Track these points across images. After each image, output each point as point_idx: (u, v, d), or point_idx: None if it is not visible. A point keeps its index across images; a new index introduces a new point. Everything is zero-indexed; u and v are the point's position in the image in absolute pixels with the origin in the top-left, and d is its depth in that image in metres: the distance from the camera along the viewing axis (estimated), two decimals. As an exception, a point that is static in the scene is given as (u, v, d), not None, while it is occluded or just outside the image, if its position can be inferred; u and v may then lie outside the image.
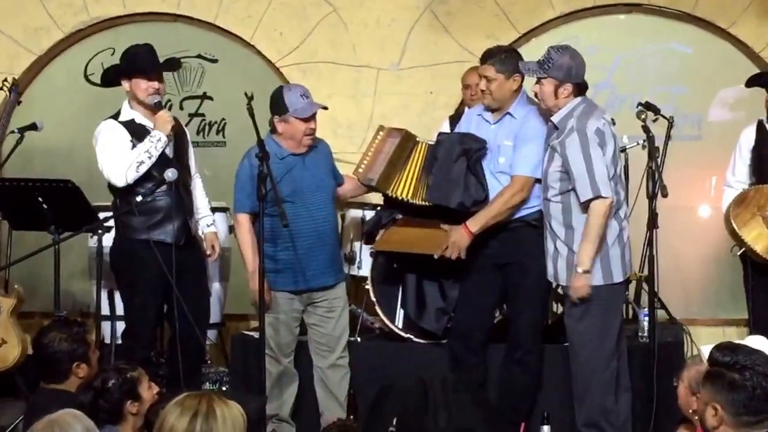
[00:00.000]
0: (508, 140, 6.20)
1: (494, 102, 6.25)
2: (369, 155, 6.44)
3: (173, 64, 6.85)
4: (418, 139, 6.50)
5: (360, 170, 6.41)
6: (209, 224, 6.69)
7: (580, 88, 6.04)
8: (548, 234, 6.06)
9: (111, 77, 6.60)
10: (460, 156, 6.24)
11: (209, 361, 7.27)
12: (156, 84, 6.39)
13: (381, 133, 6.52)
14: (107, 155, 6.31)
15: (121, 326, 6.86)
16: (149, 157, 6.24)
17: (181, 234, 6.36)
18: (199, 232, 6.65)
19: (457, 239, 6.19)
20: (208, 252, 6.62)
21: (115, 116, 6.45)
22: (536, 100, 6.11)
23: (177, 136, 6.46)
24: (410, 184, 6.37)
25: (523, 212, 6.21)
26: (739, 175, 6.83)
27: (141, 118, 6.40)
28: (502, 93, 6.20)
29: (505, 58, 6.22)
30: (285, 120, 6.26)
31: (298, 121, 6.24)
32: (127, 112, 6.43)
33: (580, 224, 5.92)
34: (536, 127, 6.14)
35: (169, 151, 6.36)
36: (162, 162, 6.27)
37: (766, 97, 6.69)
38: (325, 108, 6.40)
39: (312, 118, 6.29)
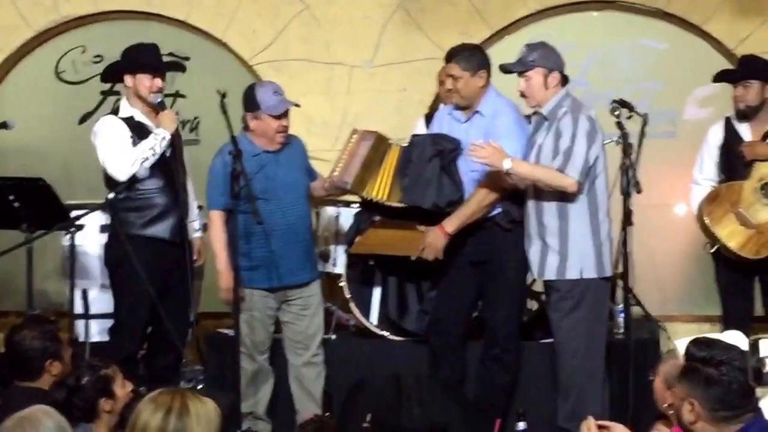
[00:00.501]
0: (479, 139, 6.21)
1: (462, 100, 6.27)
2: (343, 158, 6.46)
3: (179, 65, 6.80)
4: (391, 141, 6.55)
5: (335, 174, 6.43)
6: (197, 229, 6.70)
7: (566, 79, 6.08)
8: (535, 229, 6.06)
9: (113, 72, 6.61)
10: (434, 157, 6.26)
11: (184, 360, 7.24)
12: (160, 82, 6.41)
13: (354, 136, 6.55)
14: (109, 149, 6.34)
15: (95, 325, 6.85)
16: (153, 154, 6.28)
17: (177, 232, 6.39)
18: (193, 235, 6.69)
19: (433, 240, 6.20)
20: (195, 257, 6.64)
21: (114, 112, 6.46)
22: (521, 97, 6.12)
23: (174, 135, 6.47)
24: (385, 186, 6.40)
25: (497, 210, 6.21)
26: (707, 173, 6.86)
27: (140, 115, 6.42)
28: (469, 90, 6.22)
29: (469, 55, 6.25)
30: (257, 117, 6.26)
31: (271, 119, 6.25)
32: (127, 109, 6.44)
33: (575, 218, 5.96)
34: (506, 123, 6.16)
35: (166, 150, 6.37)
36: (160, 160, 6.31)
37: (733, 94, 6.73)
38: (298, 105, 6.41)
39: (284, 115, 6.30)
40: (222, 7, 8.23)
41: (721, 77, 6.91)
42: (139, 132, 6.36)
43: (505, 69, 6.17)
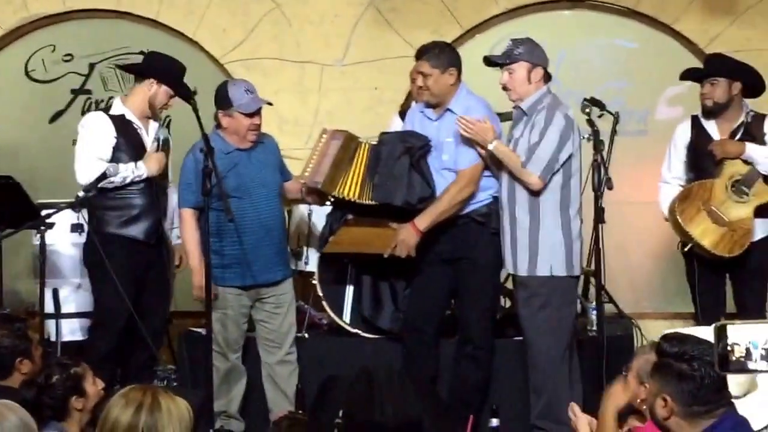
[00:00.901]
0: (449, 137, 6.25)
1: (432, 97, 6.29)
2: (313, 158, 6.46)
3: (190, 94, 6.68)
4: (360, 139, 6.55)
5: (306, 174, 6.43)
6: (179, 236, 6.64)
7: (548, 76, 6.11)
8: (508, 222, 6.08)
9: (141, 69, 6.57)
10: (403, 154, 6.28)
11: (157, 359, 7.22)
12: (171, 102, 6.43)
13: (324, 135, 6.55)
14: (84, 150, 6.32)
15: (66, 324, 6.82)
16: (121, 181, 6.25)
17: (153, 233, 6.39)
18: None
19: (405, 237, 6.21)
20: (176, 263, 6.64)
21: (105, 108, 6.47)
22: (503, 90, 6.13)
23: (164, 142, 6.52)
24: (355, 184, 6.40)
25: (470, 207, 6.24)
26: (675, 171, 6.89)
27: (131, 114, 6.39)
28: (439, 88, 6.24)
29: (439, 52, 6.28)
30: (229, 115, 6.27)
31: (242, 117, 6.26)
32: (119, 107, 6.42)
33: (546, 216, 5.98)
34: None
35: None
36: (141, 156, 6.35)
37: (700, 92, 6.76)
38: (270, 104, 6.43)
39: (256, 113, 6.31)
40: (192, 6, 8.22)
41: (688, 75, 6.94)
42: (125, 130, 6.34)
43: (490, 61, 6.20)
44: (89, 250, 6.41)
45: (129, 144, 6.37)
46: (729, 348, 3.57)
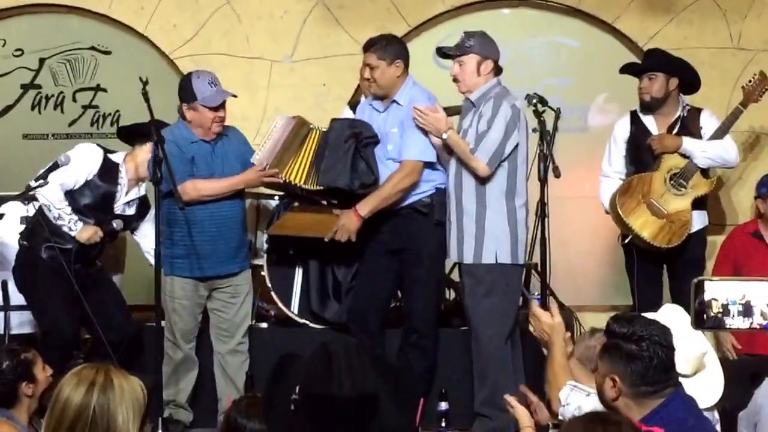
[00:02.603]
0: (395, 127, 6.34)
1: (379, 89, 6.38)
2: (266, 142, 6.50)
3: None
4: (312, 126, 6.58)
5: (256, 157, 6.46)
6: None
7: (498, 70, 6.21)
8: (454, 210, 6.17)
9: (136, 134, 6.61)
10: (349, 138, 6.35)
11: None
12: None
13: (278, 120, 6.59)
14: (62, 174, 6.25)
15: (15, 317, 6.85)
16: (54, 220, 6.25)
17: (85, 261, 6.39)
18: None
19: (346, 222, 6.28)
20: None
21: (107, 149, 6.47)
22: (453, 81, 6.23)
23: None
24: (302, 169, 6.44)
25: (413, 197, 6.32)
26: (615, 166, 7.03)
27: (124, 173, 6.45)
28: (386, 80, 6.33)
29: (386, 45, 6.37)
30: (194, 108, 6.28)
31: (207, 110, 6.27)
32: (119, 156, 6.47)
33: (492, 204, 6.08)
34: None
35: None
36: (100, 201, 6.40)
37: (639, 86, 6.90)
38: (234, 96, 6.45)
39: (221, 106, 6.32)
40: (143, 1, 8.21)
41: (627, 69, 7.08)
42: (107, 173, 6.37)
43: (442, 52, 6.29)
44: (22, 275, 6.43)
45: (99, 193, 6.38)
46: (705, 304, 3.61)
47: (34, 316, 6.63)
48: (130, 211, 6.53)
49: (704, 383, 3.98)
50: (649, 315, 3.85)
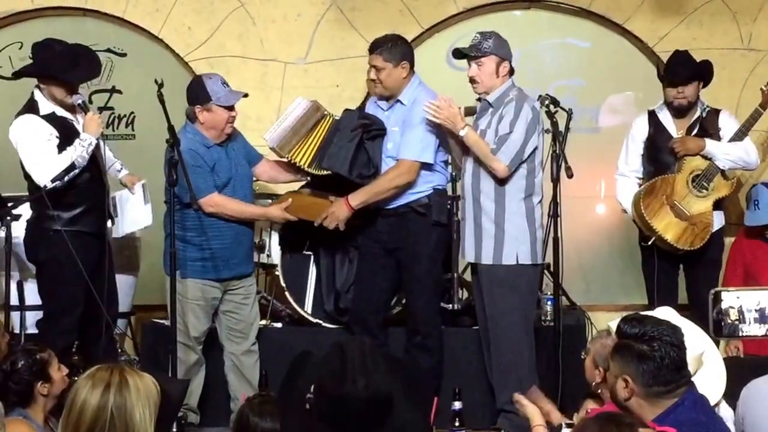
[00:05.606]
0: (396, 126, 6.37)
1: (385, 91, 6.41)
2: (281, 121, 6.54)
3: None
4: (326, 112, 6.63)
5: (268, 135, 6.52)
6: (119, 169, 6.66)
7: (512, 70, 6.26)
8: (471, 211, 6.17)
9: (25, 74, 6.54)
10: (358, 128, 6.39)
11: (120, 350, 7.30)
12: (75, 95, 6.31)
13: (298, 101, 6.64)
14: (32, 156, 6.20)
15: (30, 317, 6.86)
16: (82, 161, 6.17)
17: (101, 225, 6.34)
18: (119, 176, 6.66)
19: (336, 210, 6.32)
20: (134, 185, 6.56)
21: (33, 109, 6.29)
22: (471, 82, 6.23)
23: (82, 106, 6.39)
24: (309, 152, 6.48)
25: (411, 197, 6.35)
26: (632, 165, 7.04)
27: (61, 111, 6.29)
28: (392, 81, 6.36)
29: (392, 46, 6.37)
30: (208, 109, 6.28)
31: (222, 110, 6.29)
32: (46, 105, 6.29)
33: (510, 204, 6.09)
34: (422, 111, 6.26)
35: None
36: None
37: (671, 91, 6.88)
38: (246, 95, 6.47)
39: (233, 107, 6.35)
40: (158, 4, 8.26)
41: (673, 78, 6.93)
42: (63, 128, 6.24)
43: (459, 53, 6.28)
44: (36, 248, 6.36)
45: (70, 139, 6.25)
46: (723, 312, 3.63)
47: (40, 294, 6.55)
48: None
49: (705, 381, 3.94)
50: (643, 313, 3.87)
